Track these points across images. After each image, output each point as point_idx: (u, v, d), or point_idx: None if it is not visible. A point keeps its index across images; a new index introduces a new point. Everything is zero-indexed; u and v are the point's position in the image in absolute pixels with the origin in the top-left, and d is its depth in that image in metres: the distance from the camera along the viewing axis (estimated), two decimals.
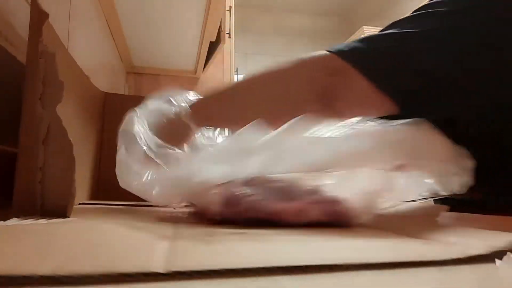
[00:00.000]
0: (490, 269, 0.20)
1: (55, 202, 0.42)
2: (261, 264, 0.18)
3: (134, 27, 1.45)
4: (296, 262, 0.18)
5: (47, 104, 0.43)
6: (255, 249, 0.24)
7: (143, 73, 1.99)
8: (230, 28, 1.94)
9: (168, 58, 1.84)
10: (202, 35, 1.49)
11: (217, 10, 1.29)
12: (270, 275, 0.17)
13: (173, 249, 0.22)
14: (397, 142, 0.37)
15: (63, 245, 0.23)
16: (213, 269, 0.17)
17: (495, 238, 0.25)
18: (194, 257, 0.21)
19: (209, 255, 0.21)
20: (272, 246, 0.26)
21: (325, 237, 0.30)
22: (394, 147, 0.36)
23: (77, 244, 0.23)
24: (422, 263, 0.20)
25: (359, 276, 0.18)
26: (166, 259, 0.19)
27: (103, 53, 1.37)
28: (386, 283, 0.18)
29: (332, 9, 4.73)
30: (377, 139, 0.36)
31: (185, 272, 0.17)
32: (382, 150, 0.36)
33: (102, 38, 1.34)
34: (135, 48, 1.69)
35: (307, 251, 0.24)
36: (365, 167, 0.37)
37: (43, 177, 0.43)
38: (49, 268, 0.16)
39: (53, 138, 0.42)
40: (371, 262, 0.19)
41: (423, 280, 0.18)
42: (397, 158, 0.37)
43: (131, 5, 1.26)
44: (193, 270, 0.17)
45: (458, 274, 0.19)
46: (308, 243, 0.28)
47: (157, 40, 1.60)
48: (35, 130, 0.43)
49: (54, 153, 0.42)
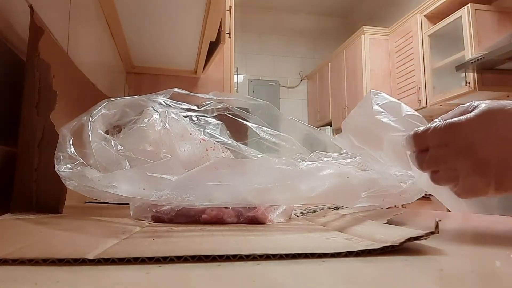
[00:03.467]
0: (388, 261, 0.22)
1: (49, 200, 0.46)
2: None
3: (134, 27, 1.45)
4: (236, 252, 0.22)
5: (42, 111, 0.47)
6: (194, 241, 0.28)
7: (143, 73, 1.99)
8: (230, 28, 1.94)
9: (168, 58, 1.84)
10: (202, 35, 1.49)
11: (217, 10, 1.29)
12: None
13: (119, 243, 0.26)
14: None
15: (25, 235, 0.30)
16: (133, 257, 0.21)
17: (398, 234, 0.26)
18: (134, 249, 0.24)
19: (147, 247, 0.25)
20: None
21: (253, 233, 0.34)
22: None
23: (35, 235, 0.30)
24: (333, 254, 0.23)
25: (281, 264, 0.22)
26: (105, 250, 0.23)
27: (103, 53, 1.37)
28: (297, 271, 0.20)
29: (332, 9, 4.73)
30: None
31: (110, 259, 0.21)
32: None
33: (102, 38, 1.34)
34: (135, 48, 1.69)
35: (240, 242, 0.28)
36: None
37: (38, 177, 0.46)
38: (4, 252, 0.21)
39: (47, 142, 0.46)
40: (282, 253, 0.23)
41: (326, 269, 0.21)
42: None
43: (131, 5, 1.26)
44: (119, 258, 0.21)
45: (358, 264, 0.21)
46: (247, 236, 0.31)
47: (157, 40, 1.60)
48: (31, 134, 0.47)
49: (48, 155, 0.46)
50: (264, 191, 0.38)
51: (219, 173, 0.38)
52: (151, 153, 0.46)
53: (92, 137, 0.42)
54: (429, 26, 3.11)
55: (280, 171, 0.39)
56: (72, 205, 0.60)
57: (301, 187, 0.39)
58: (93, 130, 0.43)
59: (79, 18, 0.97)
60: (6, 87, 0.54)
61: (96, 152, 0.42)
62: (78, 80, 0.73)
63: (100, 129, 0.45)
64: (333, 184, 0.39)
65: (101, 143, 0.43)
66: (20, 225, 0.35)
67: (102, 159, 0.42)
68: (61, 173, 0.39)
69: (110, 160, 0.42)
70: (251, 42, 4.62)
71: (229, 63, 2.16)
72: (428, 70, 3.07)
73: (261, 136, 0.57)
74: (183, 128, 0.52)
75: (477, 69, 2.59)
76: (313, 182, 0.39)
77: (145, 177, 0.38)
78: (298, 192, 0.39)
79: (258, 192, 0.38)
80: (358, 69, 3.65)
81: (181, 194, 0.37)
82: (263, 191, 0.38)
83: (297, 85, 4.80)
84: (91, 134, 0.42)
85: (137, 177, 0.38)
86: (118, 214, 0.47)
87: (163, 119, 0.51)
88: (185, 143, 0.52)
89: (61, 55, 0.64)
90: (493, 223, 0.46)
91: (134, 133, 0.49)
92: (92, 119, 0.44)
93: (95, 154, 0.41)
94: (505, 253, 0.26)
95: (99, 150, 0.42)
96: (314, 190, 0.39)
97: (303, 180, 0.39)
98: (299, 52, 4.81)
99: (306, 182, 0.39)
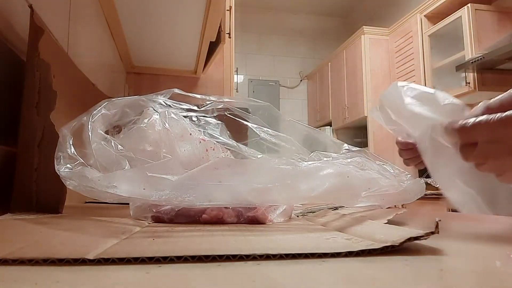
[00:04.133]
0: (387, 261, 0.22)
1: (49, 200, 0.46)
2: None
3: (134, 27, 1.45)
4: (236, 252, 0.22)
5: (42, 111, 0.47)
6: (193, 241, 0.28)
7: (143, 73, 1.99)
8: (230, 28, 1.94)
9: (168, 58, 1.84)
10: (202, 35, 1.49)
11: (217, 10, 1.29)
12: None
13: (119, 243, 0.26)
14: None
15: (25, 235, 0.30)
16: (133, 257, 0.21)
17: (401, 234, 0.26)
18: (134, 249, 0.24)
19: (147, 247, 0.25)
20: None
21: (253, 233, 0.34)
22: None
23: (35, 235, 0.29)
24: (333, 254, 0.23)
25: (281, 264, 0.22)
26: (105, 250, 0.23)
27: (103, 53, 1.37)
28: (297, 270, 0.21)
29: (332, 9, 4.73)
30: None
31: (110, 259, 0.21)
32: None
33: (102, 38, 1.34)
34: (135, 48, 1.69)
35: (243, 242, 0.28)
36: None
37: (38, 177, 0.46)
38: (4, 252, 0.21)
39: (47, 142, 0.46)
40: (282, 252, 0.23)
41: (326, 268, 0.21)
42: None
43: (131, 5, 1.26)
44: (119, 258, 0.21)
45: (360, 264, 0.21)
46: (247, 237, 0.31)
47: (157, 40, 1.60)
48: (31, 134, 0.47)
49: (48, 155, 0.46)
50: (264, 191, 0.38)
51: (219, 173, 0.38)
52: (151, 153, 0.46)
53: (92, 137, 0.42)
54: (429, 26, 3.11)
55: (280, 171, 0.39)
56: (72, 205, 0.60)
57: (301, 187, 0.39)
58: (93, 130, 0.43)
59: (79, 18, 0.97)
60: (6, 87, 0.54)
61: (96, 152, 0.41)
62: (78, 80, 0.73)
63: (100, 129, 0.45)
64: (333, 184, 0.39)
65: (101, 143, 0.43)
66: (20, 225, 0.35)
67: (102, 159, 0.42)
68: (61, 173, 0.39)
69: (110, 160, 0.42)
70: (251, 42, 4.62)
71: (229, 63, 2.16)
72: (428, 70, 3.07)
73: (261, 136, 0.57)
74: (183, 128, 0.52)
75: (477, 69, 2.59)
76: (313, 182, 0.39)
77: (145, 177, 0.38)
78: (298, 192, 0.39)
79: (258, 192, 0.38)
80: (358, 69, 3.65)
81: (181, 194, 0.37)
82: (263, 191, 0.38)
83: (297, 85, 4.80)
84: (91, 134, 0.42)
85: (137, 177, 0.38)
86: (118, 214, 0.47)
87: (163, 119, 0.51)
88: (185, 143, 0.51)
89: (61, 55, 0.64)
90: (493, 223, 0.46)
91: (134, 133, 0.48)
92: (92, 119, 0.44)
93: (95, 154, 0.41)
94: (505, 253, 0.26)
95: (99, 150, 0.42)
96: (314, 190, 0.39)
97: (303, 180, 0.39)
98: (299, 52, 4.81)
99: (306, 182, 0.39)
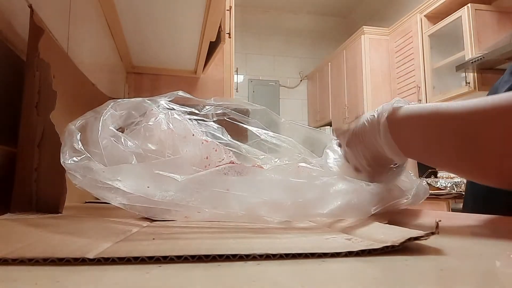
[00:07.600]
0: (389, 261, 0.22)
1: (49, 200, 0.46)
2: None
3: (134, 27, 1.45)
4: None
5: (42, 111, 0.47)
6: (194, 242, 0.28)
7: (143, 73, 1.99)
8: (230, 28, 1.94)
9: (168, 58, 1.84)
10: (202, 35, 1.49)
11: (217, 10, 1.29)
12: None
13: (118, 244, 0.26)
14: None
15: (25, 235, 0.30)
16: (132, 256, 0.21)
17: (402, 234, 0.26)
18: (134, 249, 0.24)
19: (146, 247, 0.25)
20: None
21: (253, 233, 0.34)
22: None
23: (35, 235, 0.29)
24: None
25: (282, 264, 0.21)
26: (105, 250, 0.22)
27: (103, 53, 1.37)
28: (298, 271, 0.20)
29: (332, 9, 4.73)
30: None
31: (110, 258, 0.21)
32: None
33: (102, 38, 1.34)
34: (135, 48, 1.69)
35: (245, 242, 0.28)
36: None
37: (38, 177, 0.46)
38: (4, 252, 0.21)
39: (47, 142, 0.46)
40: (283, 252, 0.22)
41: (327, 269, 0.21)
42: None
43: (131, 5, 1.26)
44: (119, 257, 0.21)
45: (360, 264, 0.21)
46: (249, 239, 0.31)
47: (157, 40, 1.60)
48: (31, 134, 0.47)
49: (48, 155, 0.46)
50: (276, 207, 0.37)
51: (227, 180, 0.38)
52: (158, 152, 0.46)
53: (102, 133, 0.42)
54: (429, 26, 3.11)
55: (291, 185, 0.39)
56: (72, 205, 0.60)
57: (312, 204, 0.39)
58: (104, 126, 0.43)
59: (79, 18, 0.97)
60: (6, 87, 0.54)
61: (105, 148, 0.41)
62: (78, 80, 0.74)
63: (112, 126, 0.45)
64: (344, 201, 0.39)
65: (110, 139, 0.43)
66: (20, 225, 0.35)
67: (110, 156, 0.41)
68: (66, 165, 0.38)
69: (118, 157, 0.42)
70: (251, 42, 4.62)
71: (229, 63, 2.15)
72: (428, 70, 3.07)
73: (261, 137, 0.57)
74: (186, 129, 0.52)
75: (477, 69, 2.59)
76: (325, 199, 0.39)
77: (151, 174, 0.37)
78: (309, 209, 0.38)
79: (269, 206, 0.37)
80: (358, 69, 3.65)
81: (186, 197, 0.37)
82: (275, 206, 0.37)
83: (297, 85, 4.81)
84: (101, 130, 0.42)
85: (143, 173, 0.38)
86: (118, 214, 0.47)
87: (167, 119, 0.50)
88: (188, 144, 0.51)
89: (61, 55, 0.64)
90: (493, 223, 0.46)
91: (142, 131, 0.48)
92: (104, 117, 0.44)
93: (104, 151, 0.41)
94: (505, 253, 0.26)
95: (108, 147, 0.42)
96: (325, 208, 0.38)
97: (315, 196, 0.39)
98: (299, 52, 4.81)
99: (318, 199, 0.39)
